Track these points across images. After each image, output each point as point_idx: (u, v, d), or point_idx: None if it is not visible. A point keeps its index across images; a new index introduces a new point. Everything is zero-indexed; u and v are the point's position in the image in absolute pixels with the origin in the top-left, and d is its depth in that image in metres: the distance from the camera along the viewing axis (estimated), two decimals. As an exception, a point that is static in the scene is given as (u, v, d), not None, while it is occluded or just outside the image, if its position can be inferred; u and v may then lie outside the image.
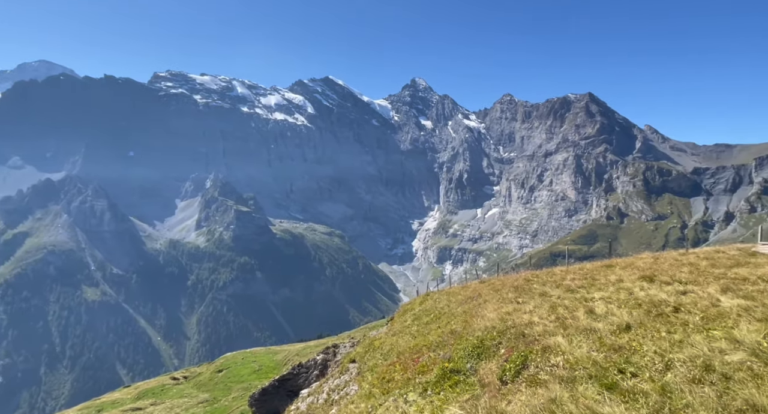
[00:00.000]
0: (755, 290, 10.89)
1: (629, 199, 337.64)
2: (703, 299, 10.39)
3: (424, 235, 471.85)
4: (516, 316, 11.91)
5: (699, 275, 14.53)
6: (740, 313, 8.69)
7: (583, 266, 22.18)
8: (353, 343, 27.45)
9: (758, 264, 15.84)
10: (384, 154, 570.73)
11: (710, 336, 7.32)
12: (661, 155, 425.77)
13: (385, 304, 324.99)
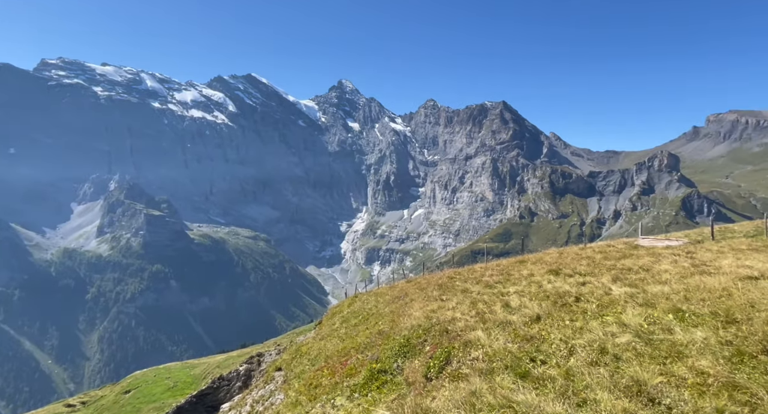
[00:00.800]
0: (638, 279, 12.55)
1: (538, 200, 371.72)
2: (599, 289, 11.72)
3: (353, 236, 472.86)
4: (440, 313, 12.37)
5: (595, 267, 16.39)
6: (627, 299, 9.94)
7: (500, 262, 23.82)
8: (279, 351, 26.48)
9: (639, 255, 18.31)
10: (311, 155, 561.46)
11: (604, 321, 8.25)
12: (564, 160, 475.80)
13: (313, 307, 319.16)
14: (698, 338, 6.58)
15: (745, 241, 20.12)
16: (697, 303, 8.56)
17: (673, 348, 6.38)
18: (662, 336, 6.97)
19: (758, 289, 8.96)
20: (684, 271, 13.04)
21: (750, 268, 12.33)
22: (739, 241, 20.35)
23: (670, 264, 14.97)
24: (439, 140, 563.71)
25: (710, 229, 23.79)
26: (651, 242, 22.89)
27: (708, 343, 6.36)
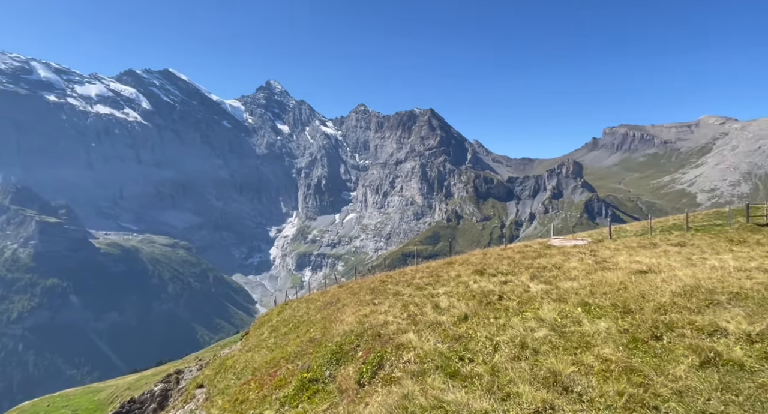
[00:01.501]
0: (551, 276, 13.72)
1: (463, 204, 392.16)
2: (519, 287, 12.59)
3: (283, 242, 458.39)
4: (373, 317, 12.38)
5: (515, 266, 17.61)
6: (543, 295, 10.79)
7: (430, 265, 24.59)
8: (201, 366, 24.66)
9: (552, 255, 20.06)
10: (237, 157, 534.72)
11: (524, 317, 8.86)
12: (486, 166, 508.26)
13: (240, 318, 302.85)
14: (602, 328, 7.31)
15: (635, 239, 22.96)
16: (601, 296, 9.55)
17: (582, 339, 7.02)
18: (573, 328, 7.64)
19: (647, 282, 10.26)
20: (589, 267, 14.52)
21: (640, 263, 14.09)
22: (631, 239, 23.20)
23: (577, 261, 16.59)
24: (370, 145, 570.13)
25: (608, 230, 26.86)
26: (561, 242, 25.19)
27: (610, 332, 7.09)
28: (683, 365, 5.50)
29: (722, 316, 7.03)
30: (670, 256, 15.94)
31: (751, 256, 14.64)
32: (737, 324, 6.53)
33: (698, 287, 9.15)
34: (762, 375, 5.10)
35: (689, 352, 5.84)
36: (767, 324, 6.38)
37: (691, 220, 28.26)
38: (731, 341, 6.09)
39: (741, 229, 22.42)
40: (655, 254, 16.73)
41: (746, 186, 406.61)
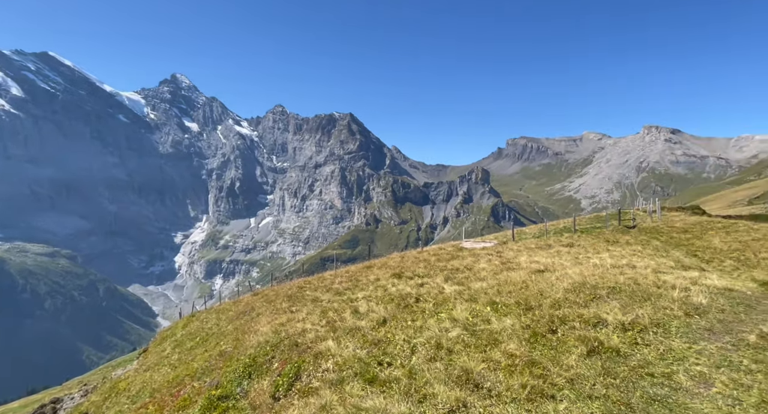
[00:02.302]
0: (463, 277, 14.54)
1: (382, 208, 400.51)
2: (434, 288, 13.12)
3: (190, 248, 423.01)
4: (290, 325, 11.92)
5: (431, 269, 18.35)
6: (456, 296, 11.37)
7: (349, 269, 24.52)
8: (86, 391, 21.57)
9: (464, 256, 21.32)
10: (136, 156, 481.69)
11: (439, 318, 9.22)
12: (404, 171, 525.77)
13: (137, 333, 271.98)
14: (508, 325, 7.89)
15: (534, 241, 25.37)
16: (506, 295, 10.35)
17: (491, 336, 7.50)
18: (483, 326, 8.14)
19: (544, 280, 11.38)
20: (496, 268, 15.69)
21: (538, 263, 15.60)
22: (530, 241, 25.60)
23: (486, 263, 17.83)
24: (288, 147, 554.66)
25: (512, 233, 29.41)
26: (472, 244, 26.91)
27: (514, 328, 7.69)
28: (574, 355, 6.16)
29: (603, 308, 8.05)
30: (562, 255, 17.87)
31: (622, 254, 17.07)
32: (614, 315, 7.52)
33: (585, 284, 10.37)
34: (633, 359, 5.92)
35: (579, 342, 6.57)
36: (636, 314, 7.46)
37: (578, 223, 32.13)
38: (610, 330, 6.98)
39: (615, 231, 26.03)
40: (550, 254, 18.64)
41: (617, 193, 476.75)
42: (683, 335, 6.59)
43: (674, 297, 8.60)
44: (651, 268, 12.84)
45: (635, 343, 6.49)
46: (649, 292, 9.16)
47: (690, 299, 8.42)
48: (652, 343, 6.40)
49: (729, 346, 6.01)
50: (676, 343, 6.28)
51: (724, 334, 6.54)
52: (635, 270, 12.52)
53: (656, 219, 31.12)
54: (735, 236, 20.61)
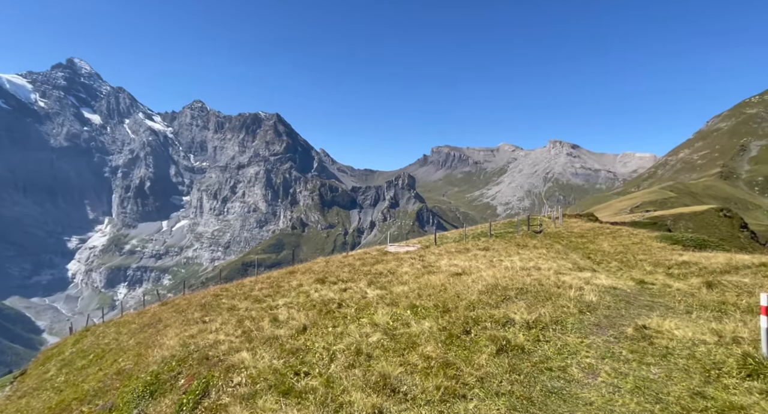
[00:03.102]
0: (386, 281, 14.73)
1: (309, 211, 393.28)
2: (357, 293, 13.09)
3: (88, 254, 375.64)
4: (201, 337, 11.05)
5: (355, 273, 18.32)
6: (378, 301, 11.45)
7: (271, 275, 23.56)
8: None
9: (388, 261, 21.65)
10: (20, 149, 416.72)
11: (361, 324, 9.19)
12: (331, 175, 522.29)
13: (15, 353, 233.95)
14: (426, 328, 8.11)
15: (454, 245, 26.61)
16: (426, 298, 10.66)
17: (410, 339, 7.64)
18: (403, 330, 8.27)
19: (461, 283, 11.94)
20: (418, 272, 16.14)
21: (457, 266, 16.36)
22: (451, 245, 26.82)
23: (409, 266, 18.27)
24: (208, 146, 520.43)
25: (434, 237, 30.60)
26: (396, 249, 27.46)
27: (432, 331, 7.92)
28: (485, 354, 6.51)
29: (512, 308, 8.65)
30: (479, 259, 18.95)
31: (530, 257, 18.59)
32: (521, 314, 8.12)
33: (497, 285, 11.08)
34: (535, 355, 6.43)
35: (489, 342, 6.96)
36: (539, 313, 8.13)
37: (493, 228, 34.44)
38: (517, 329, 7.52)
39: (524, 236, 28.34)
40: (468, 258, 19.66)
41: (528, 201, 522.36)
42: (577, 330, 7.31)
43: (571, 296, 9.53)
44: (553, 270, 14.13)
45: (538, 340, 7.04)
46: (551, 292, 10.05)
47: (583, 298, 9.39)
48: (552, 339, 7.00)
49: (612, 338, 6.80)
50: (571, 338, 6.94)
51: (608, 328, 7.38)
52: (540, 272, 13.69)
53: (559, 225, 34.50)
54: (619, 241, 23.59)
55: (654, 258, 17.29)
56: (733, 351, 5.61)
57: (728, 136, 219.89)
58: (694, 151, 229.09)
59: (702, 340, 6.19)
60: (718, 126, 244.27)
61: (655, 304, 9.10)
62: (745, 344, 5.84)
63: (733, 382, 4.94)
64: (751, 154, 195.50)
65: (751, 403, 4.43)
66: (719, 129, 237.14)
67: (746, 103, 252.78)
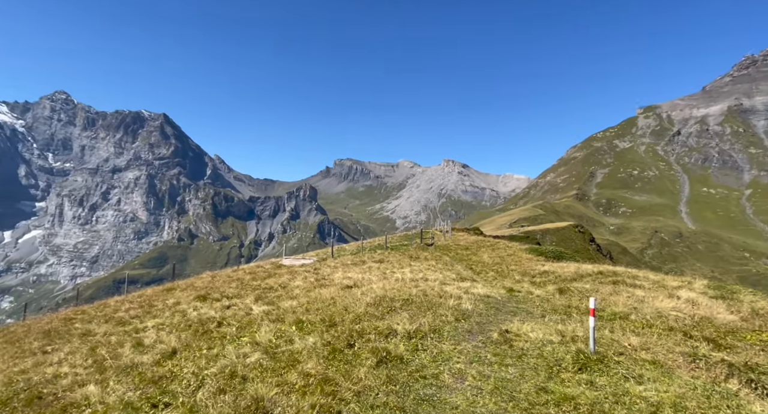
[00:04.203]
0: (275, 296, 14.06)
1: (200, 222, 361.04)
2: (241, 310, 12.22)
3: None
4: (36, 371, 9.13)
5: (243, 288, 17.16)
6: (264, 317, 10.82)
7: (143, 293, 20.83)
8: None
9: (281, 274, 20.80)
10: None
11: (240, 343, 8.54)
12: (227, 183, 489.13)
13: None
14: (310, 344, 7.87)
15: (351, 257, 26.76)
16: (314, 312, 10.41)
17: (292, 357, 7.32)
18: (285, 347, 7.89)
19: (351, 296, 11.96)
20: (310, 285, 15.77)
21: (350, 279, 16.41)
22: (348, 257, 26.92)
23: (302, 280, 17.77)
24: (73, 144, 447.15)
25: (332, 249, 30.41)
26: (292, 261, 26.60)
27: (316, 346, 7.71)
28: (365, 367, 6.52)
29: (395, 319, 8.89)
30: (372, 271, 19.29)
31: (420, 268, 19.55)
32: (404, 325, 8.39)
33: (385, 297, 11.33)
34: (413, 364, 6.65)
35: (371, 354, 7.00)
36: (420, 323, 8.49)
37: (390, 240, 35.59)
38: (399, 340, 7.72)
39: (417, 248, 29.81)
40: (363, 270, 19.89)
41: (424, 215, 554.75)
42: (452, 338, 7.78)
43: (450, 305, 10.18)
44: (439, 281, 15.02)
45: (416, 349, 7.31)
46: (433, 302, 10.62)
47: (461, 306, 10.10)
48: (429, 347, 7.34)
49: (480, 344, 7.39)
50: (445, 346, 7.36)
51: (479, 333, 8.02)
52: (427, 283, 14.43)
53: (448, 238, 37.13)
54: (497, 252, 26.24)
55: (522, 268, 19.54)
56: (570, 348, 6.52)
57: (581, 164, 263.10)
58: (557, 175, 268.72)
59: (549, 340, 7.08)
60: (574, 155, 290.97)
61: (519, 310, 10.20)
62: (580, 342, 6.84)
63: (568, 376, 5.71)
64: (597, 180, 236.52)
65: (579, 393, 5.15)
66: (575, 158, 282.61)
67: (593, 137, 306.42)
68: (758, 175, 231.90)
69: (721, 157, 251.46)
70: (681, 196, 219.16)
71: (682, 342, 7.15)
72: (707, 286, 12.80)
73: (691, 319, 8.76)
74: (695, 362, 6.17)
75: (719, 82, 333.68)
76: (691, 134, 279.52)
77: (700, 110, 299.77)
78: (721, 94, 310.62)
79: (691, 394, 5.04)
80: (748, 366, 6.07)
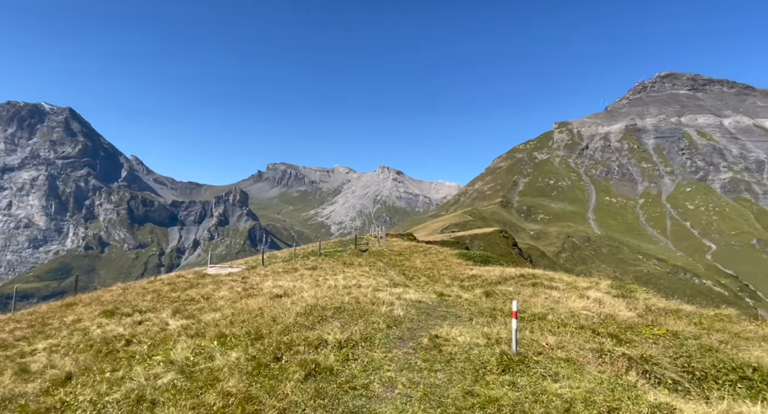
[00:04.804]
0: (196, 309, 13.02)
1: (112, 228, 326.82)
2: (156, 326, 11.10)
3: None
4: None
5: (159, 301, 15.66)
6: (181, 332, 9.92)
7: (37, 309, 18.18)
8: None
9: (205, 284, 19.39)
10: None
11: (151, 363, 7.70)
12: (146, 186, 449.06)
13: None
14: (233, 359, 7.33)
15: (282, 265, 25.83)
16: (239, 325, 9.76)
17: (211, 375, 6.74)
18: (204, 365, 7.27)
19: (281, 305, 11.44)
20: (237, 295, 14.85)
21: (281, 288, 15.76)
22: (279, 265, 25.95)
23: (228, 290, 16.69)
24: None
25: (262, 256, 29.10)
26: (218, 270, 24.98)
27: (239, 362, 7.19)
28: (291, 382, 6.19)
29: (326, 329, 8.64)
30: (305, 278, 18.75)
31: (354, 275, 19.40)
32: (335, 335, 8.16)
33: (316, 306, 11.00)
34: (343, 375, 6.46)
35: (299, 367, 6.69)
36: (351, 331, 8.33)
37: (324, 247, 35.01)
38: (329, 350, 7.48)
39: (352, 254, 29.64)
40: (294, 278, 19.26)
41: (359, 221, 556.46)
42: (383, 345, 7.72)
43: (382, 312, 10.14)
44: (372, 287, 14.98)
45: (347, 359, 7.13)
46: (366, 310, 10.51)
47: (393, 313, 10.12)
48: (360, 357, 7.19)
49: (411, 350, 7.42)
50: (377, 354, 7.27)
51: (410, 340, 8.06)
52: (360, 289, 14.32)
53: (382, 244, 37.45)
54: (429, 258, 26.96)
55: (453, 272, 20.24)
56: (495, 350, 6.78)
57: (506, 173, 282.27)
58: (485, 184, 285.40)
59: (476, 344, 7.31)
60: (499, 165, 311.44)
61: (449, 314, 10.47)
62: (504, 343, 7.16)
63: (493, 378, 5.92)
64: (519, 189, 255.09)
65: (502, 394, 5.35)
66: (500, 167, 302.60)
67: (516, 149, 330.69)
68: (648, 187, 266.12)
69: (620, 170, 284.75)
70: (589, 204, 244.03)
71: (591, 339, 7.80)
72: (610, 286, 14.23)
73: (598, 317, 9.62)
74: (602, 357, 6.74)
75: (618, 103, 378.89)
76: (596, 149, 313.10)
77: (603, 128, 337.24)
78: (620, 114, 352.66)
79: (598, 388, 5.46)
80: (643, 358, 6.76)
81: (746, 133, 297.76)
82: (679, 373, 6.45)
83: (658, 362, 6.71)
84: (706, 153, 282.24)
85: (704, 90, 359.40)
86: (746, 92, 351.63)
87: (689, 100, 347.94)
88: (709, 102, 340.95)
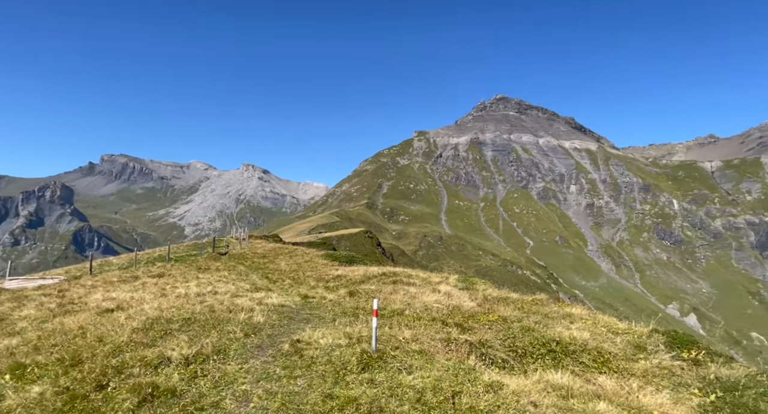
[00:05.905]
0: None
1: None
2: None
3: None
4: None
5: None
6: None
7: None
8: None
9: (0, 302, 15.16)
10: None
11: None
12: None
13: None
14: (34, 395, 5.81)
15: (118, 273, 22.00)
16: (48, 350, 7.84)
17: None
18: (-12, 410, 5.58)
19: (111, 322, 9.61)
20: (48, 314, 11.98)
21: (113, 300, 13.31)
22: (114, 273, 22.03)
23: (35, 308, 13.36)
24: None
25: (90, 264, 24.22)
26: (21, 283, 19.89)
27: (44, 397, 5.74)
28: (121, 412, 5.20)
29: (170, 344, 7.56)
30: (147, 288, 16.28)
31: (210, 281, 17.66)
32: (180, 350, 7.18)
33: (160, 319, 9.57)
34: (188, 395, 5.70)
35: (131, 393, 5.65)
36: (201, 344, 7.47)
37: (175, 251, 31.05)
38: (172, 369, 6.54)
39: (208, 258, 27.01)
40: (134, 288, 16.59)
41: (219, 222, 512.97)
42: (238, 357, 7.11)
43: (240, 320, 9.39)
44: (230, 293, 13.82)
45: (195, 376, 6.34)
46: (221, 318, 9.59)
47: (252, 320, 9.46)
48: (210, 372, 6.47)
49: (270, 358, 7.01)
50: (231, 367, 6.64)
51: (269, 347, 7.62)
52: (216, 296, 13.06)
53: (245, 246, 35.13)
54: (295, 259, 26.33)
55: (318, 273, 20.12)
56: (356, 350, 6.89)
57: (371, 176, 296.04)
58: (352, 186, 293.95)
59: (338, 344, 7.32)
60: (366, 168, 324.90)
61: (312, 316, 10.29)
62: (365, 342, 7.33)
63: (353, 377, 5.98)
64: (383, 191, 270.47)
65: (361, 393, 5.44)
66: (366, 170, 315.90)
67: (381, 153, 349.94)
68: (487, 192, 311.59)
69: (467, 177, 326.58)
70: (442, 206, 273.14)
71: (441, 330, 8.58)
72: (458, 279, 16.03)
73: (447, 309, 10.68)
74: (449, 346, 7.46)
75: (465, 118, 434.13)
76: (448, 157, 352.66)
77: (454, 139, 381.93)
78: (467, 128, 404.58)
79: (445, 375, 6.00)
80: (481, 343, 7.73)
81: (553, 151, 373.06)
82: (507, 353, 7.56)
83: (492, 345, 7.74)
84: (527, 165, 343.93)
85: (527, 113, 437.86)
86: (553, 118, 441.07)
87: (516, 120, 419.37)
88: (529, 123, 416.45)
